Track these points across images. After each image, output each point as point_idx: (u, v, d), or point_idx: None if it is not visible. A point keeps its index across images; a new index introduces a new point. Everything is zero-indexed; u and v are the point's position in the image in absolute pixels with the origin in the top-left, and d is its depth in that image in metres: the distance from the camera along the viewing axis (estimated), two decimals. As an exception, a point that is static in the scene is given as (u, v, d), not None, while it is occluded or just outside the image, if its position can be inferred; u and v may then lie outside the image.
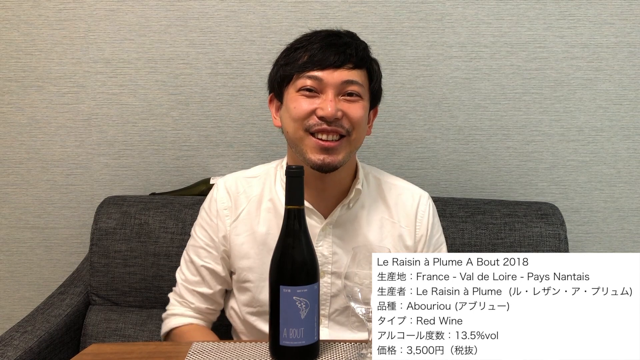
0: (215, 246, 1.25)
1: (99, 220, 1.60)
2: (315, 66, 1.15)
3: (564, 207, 1.74)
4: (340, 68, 1.15)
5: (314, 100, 1.15)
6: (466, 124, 1.75)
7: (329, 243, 1.22)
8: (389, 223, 1.26)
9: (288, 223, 0.99)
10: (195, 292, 1.26)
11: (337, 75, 1.15)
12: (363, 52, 1.19)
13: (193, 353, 1.00)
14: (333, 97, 1.14)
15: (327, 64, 1.14)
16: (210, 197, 1.28)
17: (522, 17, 1.70)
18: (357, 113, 1.16)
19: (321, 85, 1.15)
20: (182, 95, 1.75)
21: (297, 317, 0.94)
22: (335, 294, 1.23)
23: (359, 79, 1.17)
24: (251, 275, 1.23)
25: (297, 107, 1.16)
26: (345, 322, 1.24)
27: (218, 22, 1.71)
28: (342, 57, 1.15)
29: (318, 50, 1.15)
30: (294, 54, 1.18)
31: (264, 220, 1.23)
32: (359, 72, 1.17)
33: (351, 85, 1.16)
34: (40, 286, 1.86)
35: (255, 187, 1.26)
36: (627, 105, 1.74)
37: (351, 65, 1.16)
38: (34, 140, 1.79)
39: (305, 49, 1.17)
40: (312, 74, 1.15)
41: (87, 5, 1.71)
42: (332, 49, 1.15)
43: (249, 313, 1.25)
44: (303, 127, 1.15)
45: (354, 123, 1.16)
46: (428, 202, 1.30)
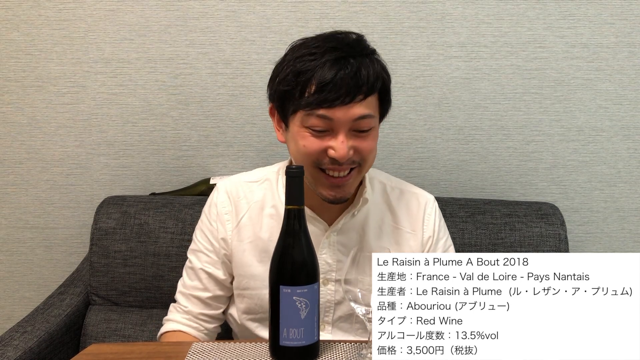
0: (215, 250, 1.22)
1: (99, 220, 1.60)
2: (324, 103, 1.05)
3: (564, 207, 1.74)
4: (352, 102, 1.06)
5: (324, 139, 1.08)
6: (466, 124, 1.75)
7: (333, 251, 1.20)
8: (394, 229, 1.24)
9: (288, 223, 0.98)
10: (190, 296, 1.23)
11: (349, 113, 1.06)
12: (374, 73, 1.09)
13: (193, 353, 1.00)
14: (344, 138, 1.07)
15: (337, 102, 1.05)
16: (210, 201, 1.25)
17: (522, 17, 1.70)
18: (369, 146, 1.11)
19: (332, 124, 1.07)
20: (182, 95, 1.75)
21: (297, 317, 0.94)
22: (339, 301, 1.21)
23: (371, 110, 1.09)
24: (253, 282, 1.20)
25: (307, 146, 1.09)
26: (349, 328, 1.22)
27: (218, 22, 1.71)
28: (353, 91, 1.05)
29: (326, 82, 1.05)
30: (299, 78, 1.07)
31: (267, 226, 1.21)
32: (370, 99, 1.09)
33: (364, 121, 1.08)
34: (40, 286, 1.86)
35: (256, 192, 1.23)
36: (627, 105, 1.74)
37: (362, 96, 1.07)
38: (34, 140, 1.79)
39: (313, 74, 1.06)
40: (323, 113, 1.06)
41: (87, 5, 1.71)
42: (342, 82, 1.05)
43: (250, 320, 1.23)
44: (313, 163, 1.10)
45: (364, 156, 1.11)
46: (434, 205, 1.28)
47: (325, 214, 1.20)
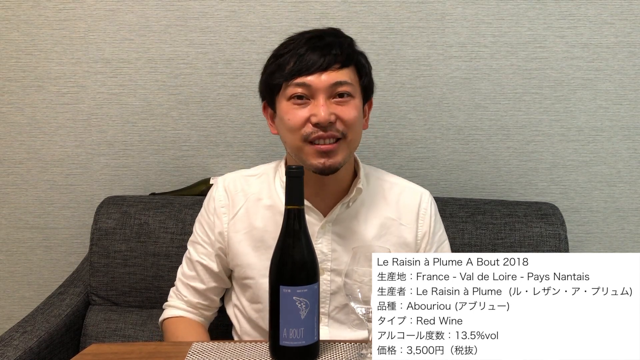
0: (210, 242, 1.27)
1: (99, 220, 1.60)
2: (302, 72, 1.14)
3: (564, 207, 1.74)
4: (327, 70, 1.14)
5: (306, 108, 1.15)
6: (466, 124, 1.75)
7: (328, 240, 1.23)
8: (389, 221, 1.26)
9: (288, 223, 0.99)
10: (189, 286, 1.30)
11: (326, 78, 1.14)
12: (349, 48, 1.19)
13: (193, 353, 1.01)
14: (324, 102, 1.14)
15: (313, 68, 1.14)
16: (209, 196, 1.30)
17: (522, 17, 1.70)
18: (351, 114, 1.16)
19: (311, 91, 1.15)
20: (182, 95, 1.75)
21: (297, 317, 0.95)
22: (334, 291, 1.23)
23: (348, 78, 1.16)
24: (250, 271, 1.24)
25: (291, 118, 1.16)
26: (345, 320, 1.24)
27: (218, 22, 1.71)
28: (328, 58, 1.14)
29: (303, 54, 1.15)
30: (279, 60, 1.18)
31: (262, 217, 1.25)
32: (347, 70, 1.17)
33: (341, 87, 1.15)
34: (40, 286, 1.86)
35: (253, 185, 1.28)
36: (627, 105, 1.74)
37: (338, 65, 1.15)
38: (34, 140, 1.79)
39: (290, 54, 1.16)
40: (300, 81, 1.14)
41: (87, 5, 1.71)
42: (317, 52, 1.15)
43: (254, 310, 1.26)
44: (300, 137, 1.16)
45: (348, 125, 1.16)
46: (430, 199, 1.31)
47: (321, 204, 1.23)
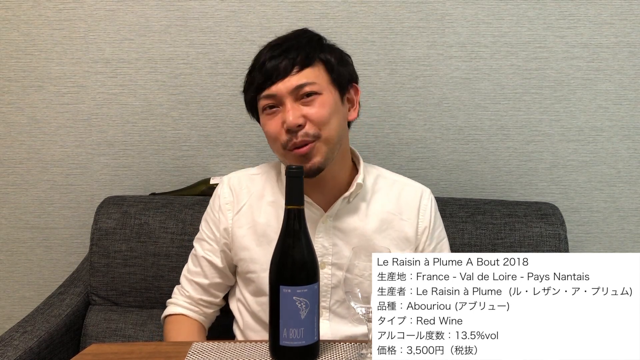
0: (216, 239, 1.29)
1: (99, 220, 1.60)
2: (266, 84, 1.17)
3: (564, 207, 1.74)
4: (288, 76, 1.16)
5: (278, 115, 1.18)
6: (466, 124, 1.75)
7: (329, 235, 1.24)
8: (389, 215, 1.27)
9: (288, 223, 0.99)
10: (192, 282, 1.32)
11: (287, 84, 1.16)
12: (308, 48, 1.19)
13: (193, 353, 1.01)
14: (291, 106, 1.16)
15: (274, 76, 1.16)
16: (215, 194, 1.33)
17: (522, 17, 1.70)
18: (319, 113, 1.17)
19: (277, 99, 1.17)
20: (182, 95, 1.75)
21: (297, 317, 0.95)
22: (335, 285, 1.24)
23: (310, 78, 1.17)
24: (252, 265, 1.25)
25: (268, 129, 1.20)
26: (346, 314, 1.25)
27: (218, 22, 1.71)
28: (285, 63, 1.16)
29: (264, 65, 1.18)
30: (251, 76, 1.22)
31: (265, 212, 1.27)
32: (310, 70, 1.17)
33: (304, 88, 1.16)
34: (40, 286, 1.86)
35: (257, 183, 1.31)
36: (627, 105, 1.74)
37: (297, 68, 1.16)
38: (34, 140, 1.79)
39: (257, 67, 1.19)
40: (267, 93, 1.17)
41: (87, 5, 1.71)
42: (275, 60, 1.17)
43: (257, 303, 1.27)
44: (280, 145, 1.19)
45: (319, 124, 1.17)
46: (430, 196, 1.33)
47: (320, 200, 1.24)
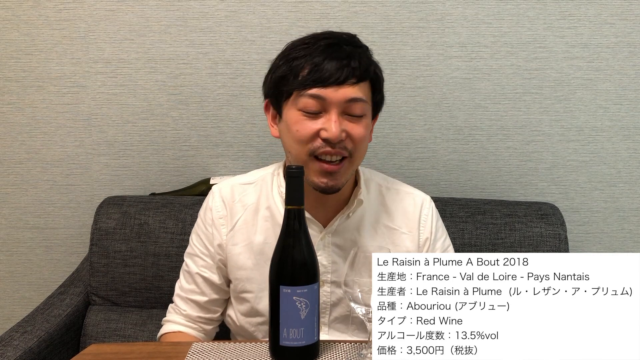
0: (210, 255, 1.23)
1: (99, 220, 1.60)
2: (317, 83, 1.08)
3: (564, 207, 1.74)
4: (344, 84, 1.08)
5: (317, 121, 1.09)
6: (466, 124, 1.75)
7: (328, 252, 1.20)
8: (389, 230, 1.23)
9: (288, 223, 0.98)
10: (188, 300, 1.24)
11: (341, 93, 1.08)
12: (366, 60, 1.13)
13: (193, 353, 1.00)
14: (337, 118, 1.08)
15: (330, 80, 1.07)
16: (206, 206, 1.25)
17: (522, 17, 1.70)
18: (361, 133, 1.11)
19: (324, 104, 1.09)
20: (182, 95, 1.75)
21: (297, 317, 0.94)
22: (335, 302, 1.21)
23: (363, 94, 1.11)
24: (249, 285, 1.20)
25: (300, 130, 1.10)
26: (345, 329, 1.22)
27: (218, 22, 1.71)
28: (346, 71, 1.08)
29: (319, 63, 1.08)
30: (292, 64, 1.11)
31: (261, 229, 1.20)
32: (363, 85, 1.11)
33: (355, 104, 1.10)
34: (40, 286, 1.86)
35: (251, 194, 1.23)
36: (627, 105, 1.74)
37: (355, 80, 1.09)
38: (34, 140, 1.79)
39: (305, 60, 1.09)
40: (316, 93, 1.08)
41: (87, 5, 1.71)
42: (335, 62, 1.08)
43: (248, 323, 1.23)
44: (307, 150, 1.10)
45: (356, 143, 1.11)
46: (430, 205, 1.27)
47: (321, 216, 1.19)
